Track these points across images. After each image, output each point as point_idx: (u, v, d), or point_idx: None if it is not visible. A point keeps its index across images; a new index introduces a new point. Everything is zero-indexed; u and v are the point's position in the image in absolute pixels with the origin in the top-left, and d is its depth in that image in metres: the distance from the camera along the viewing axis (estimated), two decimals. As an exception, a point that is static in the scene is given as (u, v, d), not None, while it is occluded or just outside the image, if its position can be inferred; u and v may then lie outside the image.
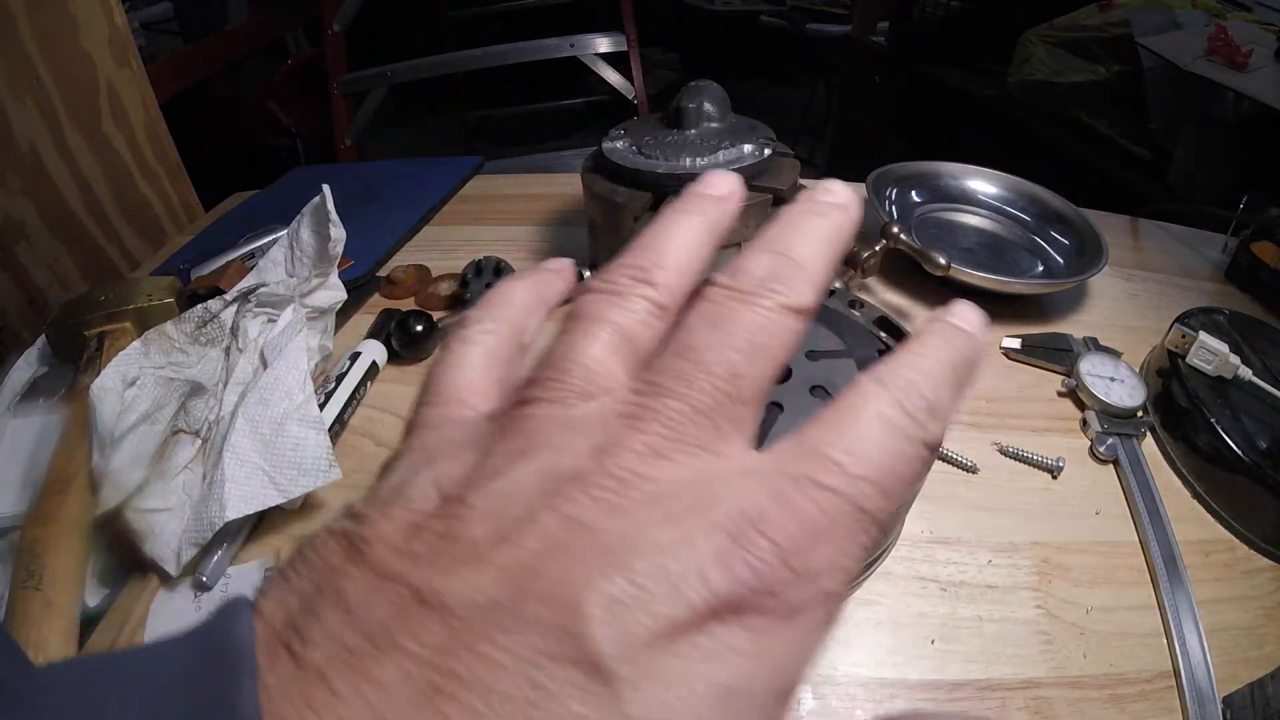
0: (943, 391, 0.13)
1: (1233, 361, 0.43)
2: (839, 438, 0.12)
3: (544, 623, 0.09)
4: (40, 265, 0.68)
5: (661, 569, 0.10)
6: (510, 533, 0.10)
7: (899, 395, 0.13)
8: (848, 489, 0.11)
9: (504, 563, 0.10)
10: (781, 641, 0.11)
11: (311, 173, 0.85)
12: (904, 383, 0.13)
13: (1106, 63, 1.12)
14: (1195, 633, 0.33)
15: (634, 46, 1.48)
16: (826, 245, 0.15)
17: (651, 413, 0.12)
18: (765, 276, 0.14)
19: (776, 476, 0.12)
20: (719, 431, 0.12)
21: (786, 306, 0.14)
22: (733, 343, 0.13)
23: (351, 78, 1.45)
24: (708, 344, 0.13)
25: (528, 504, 0.11)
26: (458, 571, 0.10)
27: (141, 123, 0.76)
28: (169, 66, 1.26)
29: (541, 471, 0.11)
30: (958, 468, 0.42)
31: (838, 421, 0.12)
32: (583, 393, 0.13)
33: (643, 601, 0.10)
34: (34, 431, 0.41)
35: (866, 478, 0.12)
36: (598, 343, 0.14)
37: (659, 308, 0.15)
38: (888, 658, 0.33)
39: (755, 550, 0.10)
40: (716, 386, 0.13)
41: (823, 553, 0.11)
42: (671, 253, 0.15)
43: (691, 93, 0.54)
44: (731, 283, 0.14)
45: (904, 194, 0.67)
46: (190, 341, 0.45)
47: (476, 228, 0.70)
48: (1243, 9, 1.09)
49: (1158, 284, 0.62)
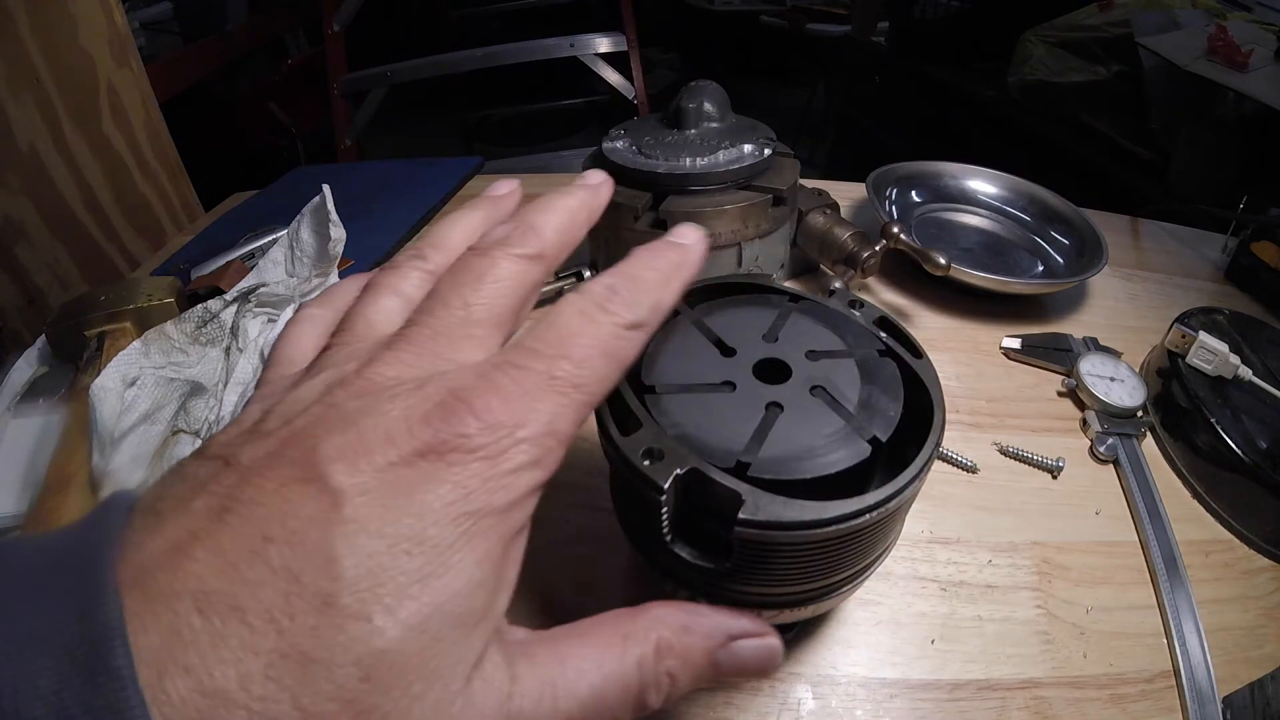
0: (637, 285, 0.18)
1: (1233, 361, 0.43)
2: (541, 331, 0.17)
3: (296, 461, 0.14)
4: (40, 265, 0.68)
5: (380, 425, 0.14)
6: (289, 418, 0.15)
7: (592, 291, 0.17)
8: (540, 365, 0.16)
9: (281, 435, 0.15)
10: (478, 471, 0.14)
11: (311, 173, 0.85)
12: (599, 285, 0.18)
13: (1106, 63, 1.12)
14: (1195, 633, 0.33)
15: (634, 46, 1.48)
16: (562, 215, 0.20)
17: (403, 338, 0.17)
18: (500, 237, 0.19)
19: (487, 365, 0.16)
20: (455, 345, 0.17)
21: (516, 255, 0.18)
22: (464, 279, 0.18)
23: (351, 78, 1.45)
24: (447, 285, 0.18)
25: (306, 402, 0.16)
26: (250, 443, 0.15)
27: (141, 123, 0.76)
28: (169, 66, 1.26)
29: (322, 383, 0.16)
30: (958, 468, 0.42)
31: (542, 321, 0.17)
32: (363, 336, 0.18)
33: (364, 445, 0.14)
34: (34, 431, 0.41)
35: (558, 355, 0.16)
36: (375, 304, 0.19)
37: (431, 275, 0.20)
38: (888, 658, 0.33)
39: (452, 409, 0.15)
40: (451, 312, 0.17)
41: (513, 409, 0.15)
42: (444, 237, 0.21)
43: (691, 93, 0.54)
44: (475, 245, 0.19)
45: (904, 194, 0.67)
46: (190, 341, 0.45)
47: (476, 228, 0.70)
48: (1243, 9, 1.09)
49: (1158, 284, 0.62)
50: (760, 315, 0.30)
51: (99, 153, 0.72)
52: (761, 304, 0.31)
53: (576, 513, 0.39)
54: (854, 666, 0.32)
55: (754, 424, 0.25)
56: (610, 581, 0.36)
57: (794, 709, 0.31)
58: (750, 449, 0.24)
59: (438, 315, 0.17)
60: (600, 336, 0.17)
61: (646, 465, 0.22)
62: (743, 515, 0.21)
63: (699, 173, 0.49)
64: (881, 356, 0.28)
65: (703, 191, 0.49)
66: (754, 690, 0.31)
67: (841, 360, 0.28)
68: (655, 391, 0.26)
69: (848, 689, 0.32)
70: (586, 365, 0.16)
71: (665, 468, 0.22)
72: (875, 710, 0.31)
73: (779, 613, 0.26)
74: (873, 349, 0.29)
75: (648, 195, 0.49)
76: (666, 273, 0.19)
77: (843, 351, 0.29)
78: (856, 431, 0.25)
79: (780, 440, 0.24)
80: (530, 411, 0.15)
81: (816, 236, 0.54)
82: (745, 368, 0.27)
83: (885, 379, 0.27)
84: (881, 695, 0.31)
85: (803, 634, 0.33)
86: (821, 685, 0.32)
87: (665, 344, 0.29)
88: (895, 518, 0.25)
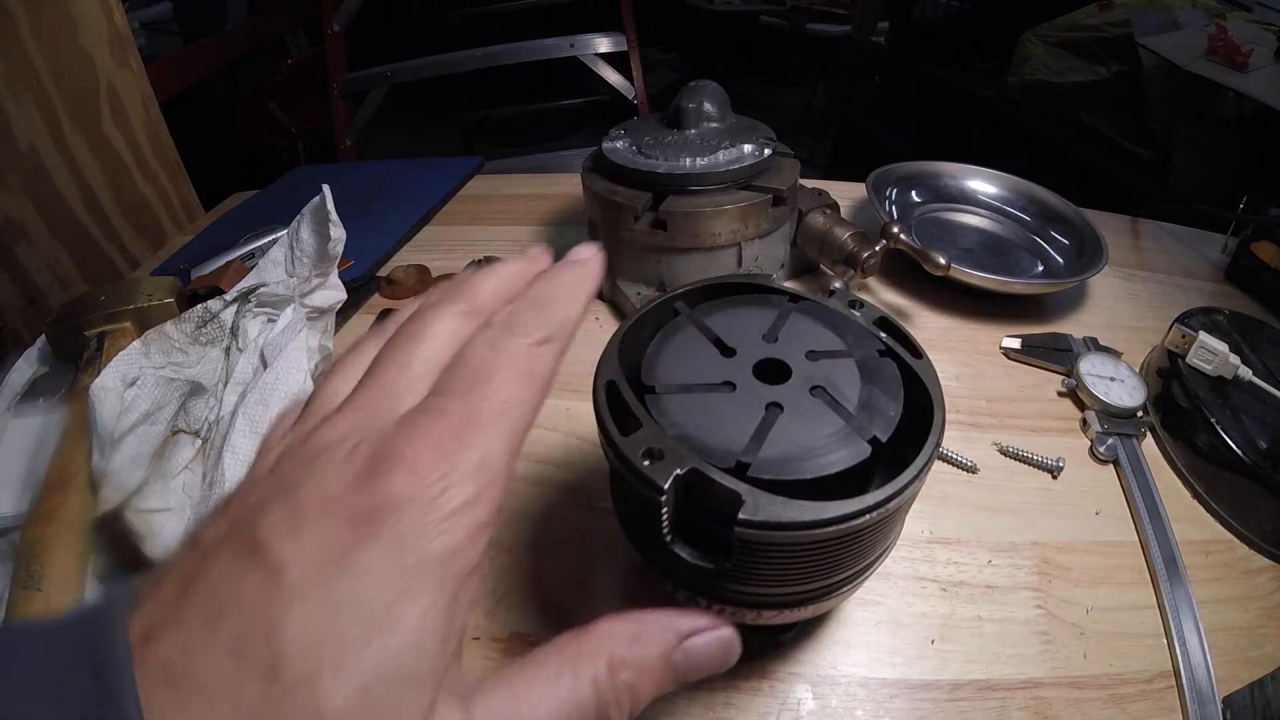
0: (538, 304, 0.18)
1: (1233, 361, 0.43)
2: (455, 370, 0.17)
3: (243, 537, 0.14)
4: (40, 265, 0.68)
5: (315, 493, 0.15)
6: (246, 494, 0.16)
7: (495, 321, 0.18)
8: (458, 403, 0.16)
9: (235, 512, 0.15)
10: (413, 523, 0.15)
11: (311, 173, 0.85)
12: (501, 314, 0.18)
13: (1106, 63, 1.12)
14: (1195, 633, 0.33)
15: (634, 46, 1.48)
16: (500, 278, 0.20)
17: (348, 400, 0.17)
18: (435, 300, 0.19)
19: (412, 414, 0.16)
20: (395, 401, 0.17)
21: (451, 312, 0.19)
22: (400, 339, 0.18)
23: (351, 78, 1.45)
24: (388, 346, 0.18)
25: (262, 476, 0.17)
26: (214, 523, 0.16)
27: (141, 123, 0.76)
28: (169, 66, 1.26)
29: (275, 455, 0.17)
30: (958, 468, 0.42)
31: (455, 361, 0.17)
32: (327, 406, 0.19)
33: (302, 514, 0.14)
34: (34, 431, 0.41)
35: (475, 388, 0.16)
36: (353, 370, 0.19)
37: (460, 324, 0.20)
38: (888, 658, 0.33)
39: (379, 465, 0.15)
40: (389, 370, 0.18)
41: (442, 452, 0.15)
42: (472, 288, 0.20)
43: (691, 93, 0.54)
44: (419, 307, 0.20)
45: (904, 194, 0.67)
46: (190, 341, 0.45)
47: (476, 228, 0.70)
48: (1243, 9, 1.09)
49: (1158, 284, 0.62)
50: (760, 315, 0.30)
51: (99, 153, 0.72)
52: (761, 304, 0.31)
53: (576, 513, 0.39)
54: (854, 666, 0.32)
55: (754, 424, 0.25)
56: (610, 582, 0.36)
57: (794, 709, 0.31)
58: (750, 449, 0.24)
59: (378, 374, 0.18)
60: (514, 359, 0.17)
61: (646, 465, 0.22)
62: (743, 515, 0.21)
63: (699, 173, 0.49)
64: (881, 356, 0.28)
65: (703, 191, 0.49)
66: (754, 690, 0.31)
67: (841, 360, 0.28)
68: (655, 391, 0.26)
69: (848, 689, 0.32)
70: (505, 391, 0.16)
71: (665, 468, 0.22)
72: (875, 710, 0.31)
73: (779, 613, 0.26)
74: (873, 349, 0.29)
75: (648, 195, 0.49)
76: (569, 288, 0.19)
77: (843, 351, 0.29)
78: (856, 432, 0.25)
79: (780, 440, 0.24)
80: (460, 450, 0.15)
81: (816, 236, 0.54)
82: (745, 368, 0.27)
83: (885, 379, 0.27)
84: (881, 695, 0.31)
85: (803, 634, 0.33)
86: (821, 685, 0.32)
87: (665, 344, 0.29)
88: (895, 518, 0.25)
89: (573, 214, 0.70)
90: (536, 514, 0.39)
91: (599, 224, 0.53)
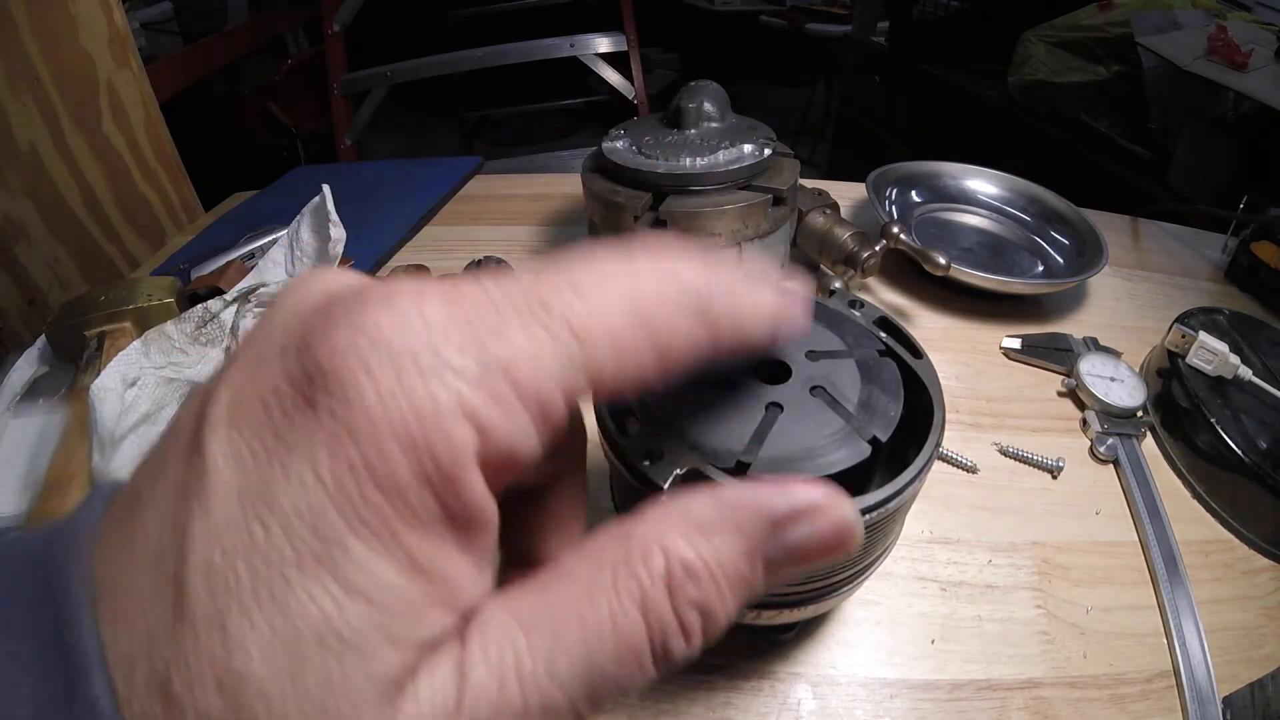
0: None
1: (1233, 361, 0.43)
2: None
3: (191, 429, 0.11)
4: (40, 265, 0.68)
5: (272, 370, 0.11)
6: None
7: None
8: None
9: (199, 400, 0.12)
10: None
11: (311, 173, 0.85)
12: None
13: (1106, 63, 1.12)
14: (1195, 633, 0.33)
15: (634, 46, 1.48)
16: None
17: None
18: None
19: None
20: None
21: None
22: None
23: (351, 78, 1.45)
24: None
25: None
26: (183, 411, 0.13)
27: (141, 123, 0.76)
28: (169, 66, 1.26)
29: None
30: (958, 468, 0.42)
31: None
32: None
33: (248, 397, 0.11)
34: (34, 431, 0.41)
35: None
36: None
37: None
38: (888, 658, 0.33)
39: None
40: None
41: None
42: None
43: (691, 93, 0.54)
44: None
45: (904, 194, 0.67)
46: (190, 341, 0.45)
47: (476, 228, 0.70)
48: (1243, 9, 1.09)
49: (1158, 284, 0.62)
50: (760, 315, 0.30)
51: (99, 153, 0.72)
52: (761, 304, 0.31)
53: (576, 513, 0.39)
54: (854, 666, 0.32)
55: (754, 424, 0.25)
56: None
57: (794, 709, 0.31)
58: (750, 449, 0.24)
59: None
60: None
61: (646, 465, 0.22)
62: (743, 515, 0.21)
63: (699, 173, 0.49)
64: (881, 356, 0.28)
65: (703, 192, 0.49)
66: (754, 690, 0.31)
67: (841, 360, 0.28)
68: (655, 391, 0.26)
69: (848, 689, 0.32)
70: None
71: (665, 468, 0.22)
72: (875, 710, 0.31)
73: (779, 613, 0.26)
74: (873, 349, 0.29)
75: (648, 195, 0.49)
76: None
77: (843, 351, 0.29)
78: (856, 431, 0.25)
79: (780, 440, 0.24)
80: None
81: (816, 236, 0.54)
82: (745, 367, 0.27)
83: (885, 379, 0.27)
84: (881, 695, 0.31)
85: (803, 634, 0.33)
86: (821, 685, 0.32)
87: (665, 344, 0.29)
88: (895, 518, 0.25)
89: (573, 214, 0.70)
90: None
91: (599, 224, 0.53)
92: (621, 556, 0.12)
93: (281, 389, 0.11)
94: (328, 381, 0.10)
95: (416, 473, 0.10)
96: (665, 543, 0.12)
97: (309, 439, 0.10)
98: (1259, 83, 0.86)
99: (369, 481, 0.10)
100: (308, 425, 0.10)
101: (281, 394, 0.11)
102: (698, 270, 0.13)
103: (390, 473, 0.10)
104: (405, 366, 0.10)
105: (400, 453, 0.10)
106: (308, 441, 0.10)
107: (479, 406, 0.11)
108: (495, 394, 0.11)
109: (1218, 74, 0.89)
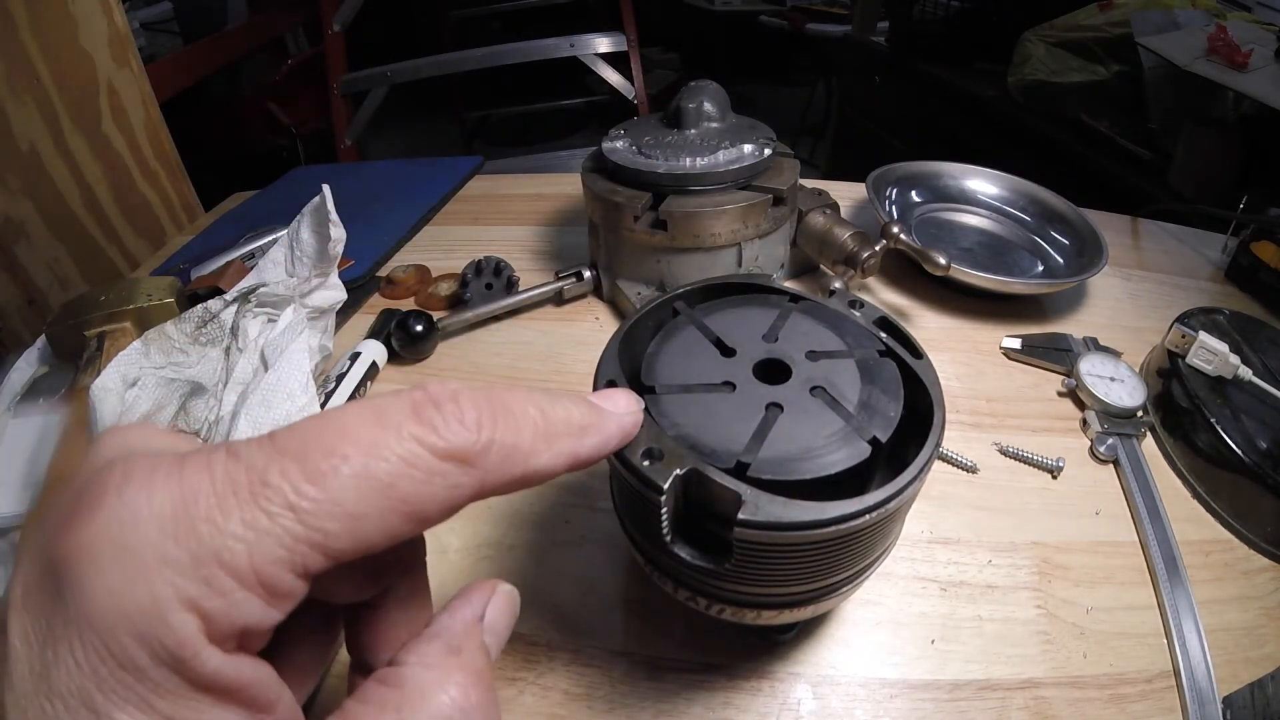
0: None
1: (1233, 361, 0.43)
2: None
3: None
4: (40, 265, 0.69)
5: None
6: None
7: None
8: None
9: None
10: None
11: (311, 173, 0.85)
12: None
13: (1106, 63, 1.12)
14: (1195, 633, 0.33)
15: (634, 46, 1.48)
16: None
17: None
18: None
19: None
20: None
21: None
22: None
23: (351, 78, 1.45)
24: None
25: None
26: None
27: (141, 123, 0.76)
28: (169, 66, 1.26)
29: None
30: (958, 468, 0.42)
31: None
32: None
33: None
34: (34, 431, 0.41)
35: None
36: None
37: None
38: (888, 658, 0.33)
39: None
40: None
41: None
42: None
43: (691, 93, 0.54)
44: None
45: (904, 194, 0.67)
46: (190, 341, 0.45)
47: (476, 228, 0.70)
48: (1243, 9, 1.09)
49: (1158, 284, 0.62)
50: (760, 315, 0.30)
51: (99, 153, 0.72)
52: (761, 304, 0.31)
53: (576, 513, 0.39)
54: (854, 666, 0.32)
55: (754, 424, 0.25)
56: (610, 581, 0.36)
57: (794, 709, 0.31)
58: (750, 449, 0.24)
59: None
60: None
61: (646, 465, 0.22)
62: (742, 516, 0.21)
63: (699, 173, 0.49)
64: (881, 357, 0.28)
65: (703, 191, 0.49)
66: (754, 690, 0.31)
67: (841, 360, 0.28)
68: (655, 392, 0.26)
69: (848, 689, 0.32)
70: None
71: (665, 468, 0.22)
72: (875, 710, 0.31)
73: (779, 613, 0.26)
74: (873, 349, 0.29)
75: (648, 195, 0.49)
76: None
77: (843, 352, 0.29)
78: (856, 432, 0.25)
79: (780, 441, 0.24)
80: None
81: (816, 236, 0.54)
82: (745, 368, 0.27)
83: (885, 379, 0.27)
84: (881, 695, 0.31)
85: (803, 634, 0.33)
86: (821, 685, 0.32)
87: (665, 344, 0.29)
88: (895, 518, 0.25)
89: (573, 214, 0.70)
90: (537, 514, 0.39)
91: (599, 224, 0.53)
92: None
93: (43, 580, 0.12)
94: (70, 578, 0.12)
95: (152, 657, 0.12)
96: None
97: (65, 627, 0.12)
98: (1259, 83, 0.86)
99: (116, 666, 0.12)
100: (63, 615, 0.12)
101: (43, 584, 0.12)
102: (461, 428, 0.15)
103: (130, 659, 0.12)
104: (126, 565, 0.12)
105: (134, 643, 0.12)
106: (65, 628, 0.12)
107: (197, 597, 0.12)
108: (210, 581, 0.12)
109: (1218, 74, 0.89)
